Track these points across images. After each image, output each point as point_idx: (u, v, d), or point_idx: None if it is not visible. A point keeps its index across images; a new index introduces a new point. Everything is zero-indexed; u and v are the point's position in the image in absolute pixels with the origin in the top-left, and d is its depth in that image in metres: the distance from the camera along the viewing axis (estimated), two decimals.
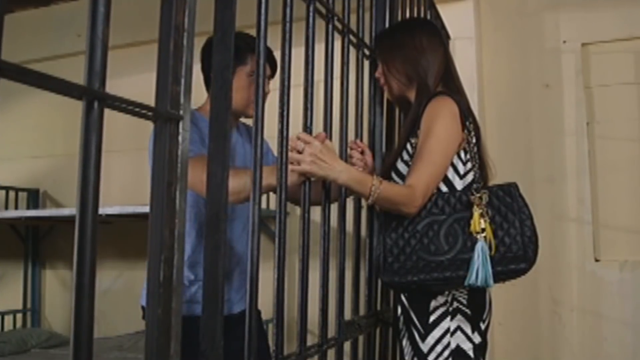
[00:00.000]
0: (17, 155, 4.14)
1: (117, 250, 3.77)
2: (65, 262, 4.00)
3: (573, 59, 3.07)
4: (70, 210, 3.33)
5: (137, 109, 0.82)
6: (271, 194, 2.71)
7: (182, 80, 0.88)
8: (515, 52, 3.19)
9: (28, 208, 3.96)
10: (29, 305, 4.00)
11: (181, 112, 0.88)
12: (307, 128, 1.34)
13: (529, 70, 3.16)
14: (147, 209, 0.90)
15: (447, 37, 2.90)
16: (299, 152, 1.34)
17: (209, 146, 1.00)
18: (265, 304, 1.70)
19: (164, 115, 0.85)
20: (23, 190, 4.02)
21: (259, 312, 2.00)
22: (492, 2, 3.25)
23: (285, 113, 1.22)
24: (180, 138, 0.87)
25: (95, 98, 0.74)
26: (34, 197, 4.05)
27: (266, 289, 1.49)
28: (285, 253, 1.19)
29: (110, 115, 1.07)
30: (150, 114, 0.85)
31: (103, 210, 3.06)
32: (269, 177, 1.39)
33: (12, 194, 3.97)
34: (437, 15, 2.56)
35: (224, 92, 1.00)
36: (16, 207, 3.96)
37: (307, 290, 1.30)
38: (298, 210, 2.64)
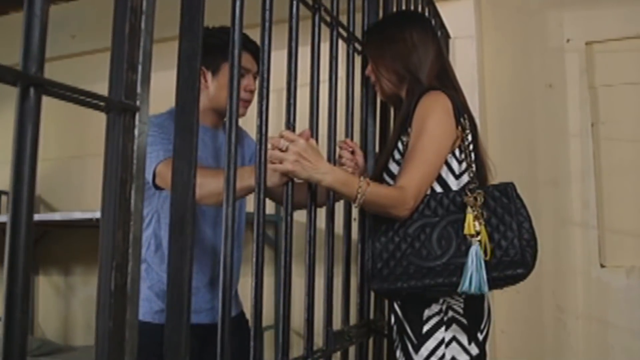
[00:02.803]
0: (10, 159, 4.06)
1: None
2: (59, 268, 3.93)
3: (577, 58, 2.98)
4: (61, 214, 3.26)
5: (85, 98, 0.73)
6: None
7: (139, 68, 0.80)
8: (518, 51, 3.11)
9: None
10: None
11: (138, 102, 0.79)
12: (290, 125, 1.25)
13: (531, 70, 3.07)
14: None
15: (447, 36, 2.82)
16: (282, 151, 1.26)
17: (175, 141, 0.91)
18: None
19: (117, 105, 0.77)
20: None
21: (247, 321, 1.92)
22: None
23: (264, 108, 1.13)
24: (136, 131, 0.79)
25: (31, 84, 0.66)
26: None
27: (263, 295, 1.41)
28: (263, 259, 1.10)
29: (103, 117, 0.99)
30: (101, 104, 0.76)
31: (94, 214, 2.99)
32: (251, 178, 1.30)
33: (4, 198, 3.89)
34: (436, 13, 2.48)
35: (190, 82, 0.91)
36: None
37: (289, 298, 1.21)
38: (295, 213, 2.55)
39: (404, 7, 1.98)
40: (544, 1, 3.08)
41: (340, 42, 1.56)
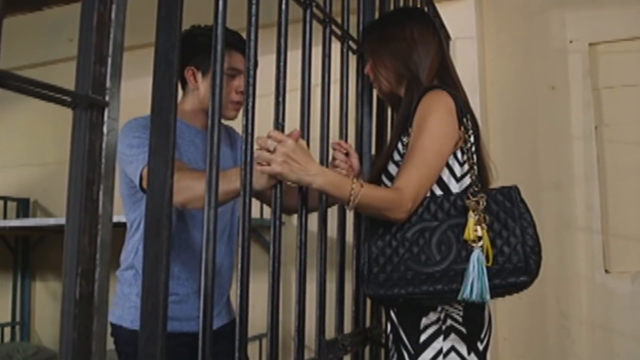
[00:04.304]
0: (7, 164, 4.03)
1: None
2: (56, 274, 3.88)
3: (580, 60, 2.92)
4: (56, 219, 3.21)
5: (49, 92, 0.68)
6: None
7: (109, 60, 0.75)
8: (520, 52, 3.05)
9: (18, 217, 3.84)
10: (17, 318, 3.87)
11: (107, 97, 0.74)
12: (279, 125, 1.20)
13: (534, 71, 3.01)
14: None
15: (447, 37, 2.77)
16: (270, 152, 1.20)
17: (151, 139, 0.86)
18: (255, 318, 1.59)
19: (84, 100, 0.72)
20: (12, 199, 3.90)
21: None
22: (494, 0, 3.11)
23: (250, 107, 1.08)
24: (105, 128, 0.74)
25: None
26: (24, 207, 3.93)
27: (258, 302, 1.36)
28: (249, 266, 1.05)
29: None
30: (67, 99, 0.71)
31: None
32: (238, 181, 1.25)
33: (0, 203, 3.85)
34: (436, 14, 2.43)
35: (167, 77, 0.86)
36: (5, 217, 3.84)
37: (278, 307, 1.16)
38: (294, 219, 2.51)
39: (402, 4, 1.93)
40: (546, 1, 3.02)
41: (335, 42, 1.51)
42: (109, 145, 0.74)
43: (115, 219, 2.04)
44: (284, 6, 1.21)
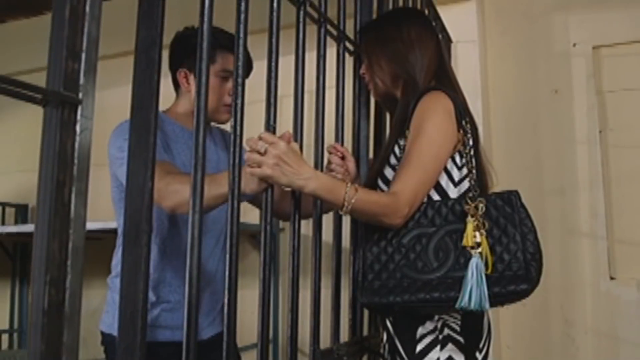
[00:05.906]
0: (5, 170, 4.00)
1: (106, 267, 3.60)
2: None
3: (584, 63, 2.88)
4: None
5: (15, 88, 0.64)
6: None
7: (83, 56, 0.71)
8: (522, 56, 3.01)
9: (16, 224, 3.80)
10: (16, 325, 3.84)
11: (80, 94, 0.70)
12: (270, 127, 1.16)
13: (537, 75, 2.97)
14: None
15: (449, 40, 2.73)
16: (261, 154, 1.15)
17: (130, 140, 0.82)
18: (255, 325, 1.54)
19: (54, 97, 0.68)
20: (11, 205, 3.87)
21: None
22: (496, 3, 3.08)
23: (239, 107, 1.04)
24: (77, 127, 0.70)
25: None
26: (23, 213, 3.90)
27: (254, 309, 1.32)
28: (236, 274, 1.01)
29: (102, 129, 0.93)
30: (37, 96, 0.67)
31: (88, 225, 2.90)
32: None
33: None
34: (437, 17, 2.39)
35: (148, 74, 0.82)
36: (3, 223, 3.81)
37: (268, 316, 1.11)
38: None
39: (401, 4, 1.89)
40: (549, 4, 2.99)
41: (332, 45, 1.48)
42: (82, 146, 0.70)
43: (112, 224, 2.00)
44: (275, 4, 1.17)
